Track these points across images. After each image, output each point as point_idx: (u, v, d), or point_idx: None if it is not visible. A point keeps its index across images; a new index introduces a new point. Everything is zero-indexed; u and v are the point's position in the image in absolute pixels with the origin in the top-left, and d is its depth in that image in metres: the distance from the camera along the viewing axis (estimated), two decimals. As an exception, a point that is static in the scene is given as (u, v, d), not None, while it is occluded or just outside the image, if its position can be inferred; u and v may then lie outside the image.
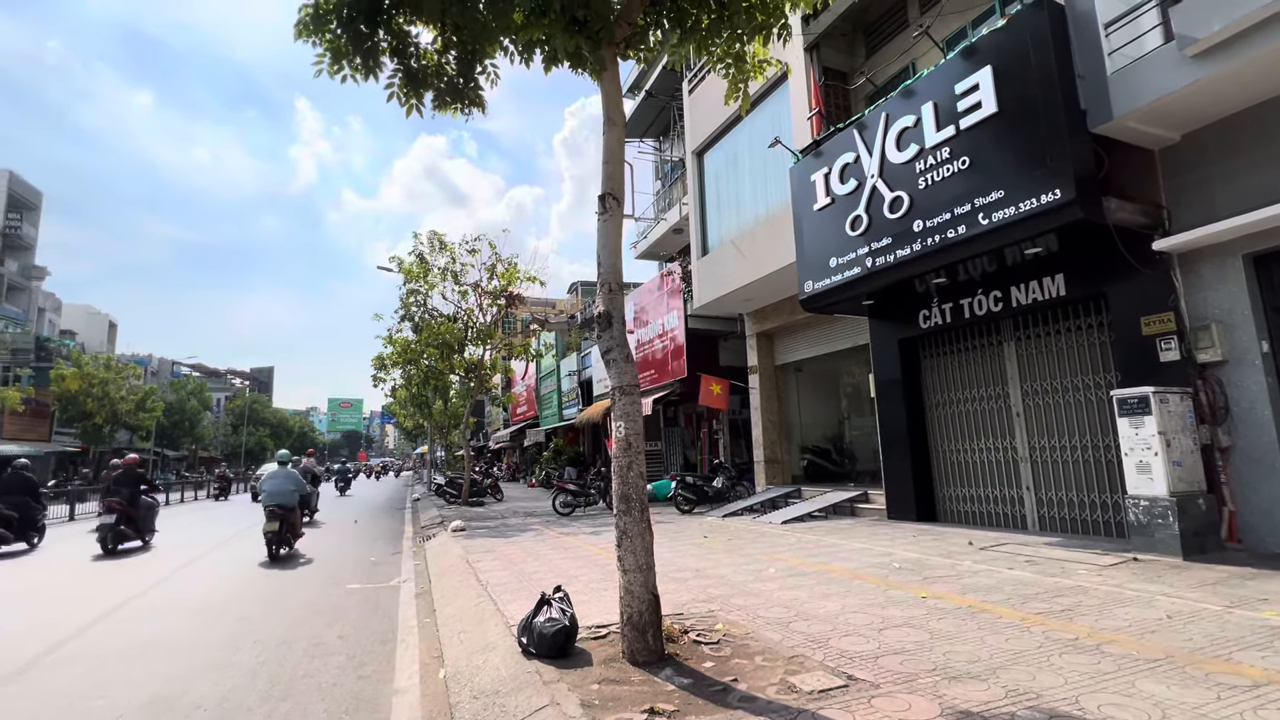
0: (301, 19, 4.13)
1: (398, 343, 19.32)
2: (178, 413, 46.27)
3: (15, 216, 38.41)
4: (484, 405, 39.13)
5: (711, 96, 13.04)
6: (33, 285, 39.46)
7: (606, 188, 4.24)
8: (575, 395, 24.03)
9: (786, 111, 11.20)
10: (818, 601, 4.89)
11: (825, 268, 8.99)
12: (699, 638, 4.01)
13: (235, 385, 76.29)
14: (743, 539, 8.54)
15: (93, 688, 3.99)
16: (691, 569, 6.47)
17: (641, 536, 3.75)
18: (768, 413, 13.42)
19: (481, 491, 18.12)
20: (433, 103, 4.65)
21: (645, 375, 16.74)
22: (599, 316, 4.06)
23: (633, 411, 3.94)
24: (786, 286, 11.35)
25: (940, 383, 9.44)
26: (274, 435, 69.42)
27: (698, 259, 13.88)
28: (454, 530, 10.69)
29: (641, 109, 18.86)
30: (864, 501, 10.57)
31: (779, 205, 11.22)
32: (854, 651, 3.66)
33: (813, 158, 9.46)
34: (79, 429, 34.94)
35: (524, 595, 5.46)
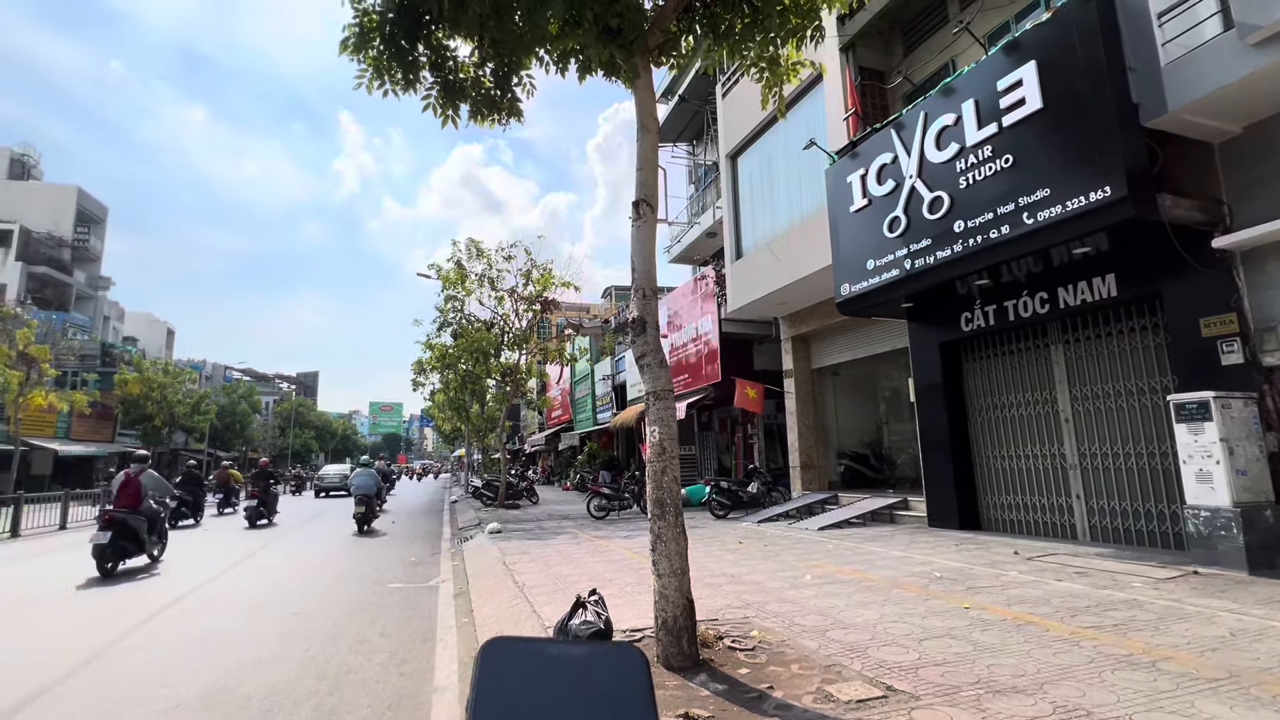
0: (346, 37, 4.29)
1: (436, 348, 19.75)
2: (229, 415, 48.20)
3: (83, 230, 40.74)
4: (520, 409, 39.64)
5: (745, 99, 12.99)
6: (99, 295, 41.73)
7: (640, 193, 4.27)
8: (609, 399, 24.15)
9: (821, 113, 11.07)
10: (855, 610, 4.80)
11: (862, 270, 8.85)
12: (734, 644, 3.99)
13: (282, 389, 79.12)
14: (778, 545, 8.44)
15: (158, 676, 4.19)
16: (726, 574, 6.43)
17: (676, 541, 3.76)
18: (804, 417, 13.24)
19: (518, 494, 18.36)
20: (469, 114, 4.76)
21: (679, 380, 16.72)
22: (633, 321, 4.09)
23: (667, 416, 3.95)
24: (822, 290, 11.20)
25: (983, 387, 9.17)
26: (318, 437, 71.73)
27: (732, 263, 13.82)
28: (491, 532, 10.86)
29: (675, 114, 18.90)
30: (903, 508, 10.33)
31: (814, 208, 11.09)
32: (893, 662, 3.59)
33: (849, 159, 9.32)
34: (140, 430, 36.75)
35: (559, 597, 5.51)
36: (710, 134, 18.35)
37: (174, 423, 37.74)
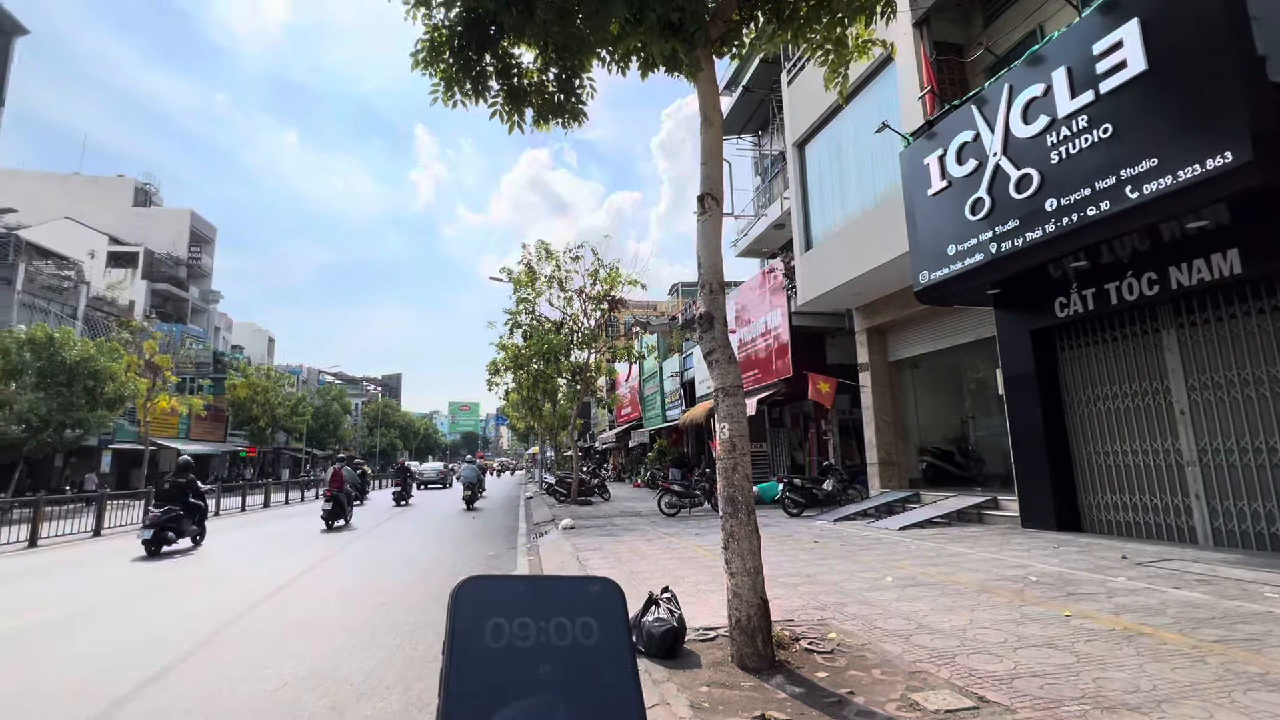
0: (418, 52, 4.48)
1: (509, 349, 20.37)
2: (323, 416, 51.65)
3: (196, 250, 44.81)
4: (590, 407, 40.28)
5: (811, 86, 12.60)
6: (210, 307, 45.78)
7: (705, 188, 4.22)
8: (678, 396, 24.12)
9: (894, 93, 10.58)
10: (942, 614, 4.56)
11: (942, 256, 8.38)
12: (811, 646, 3.88)
13: (369, 391, 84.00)
14: (856, 545, 8.15)
15: (265, 657, 4.55)
16: (801, 575, 6.27)
17: (748, 540, 3.69)
18: (881, 412, 12.72)
19: (589, 491, 18.66)
20: (533, 119, 4.86)
21: (749, 375, 16.46)
22: (700, 318, 4.05)
23: (736, 413, 3.89)
24: (898, 279, 10.71)
25: (1082, 377, 8.48)
26: (402, 436, 75.73)
27: (801, 254, 13.46)
28: (564, 528, 11.09)
29: (739, 105, 18.61)
30: (993, 508, 9.73)
31: (888, 193, 10.62)
32: (985, 671, 3.38)
33: (925, 140, 8.86)
34: (247, 431, 40.08)
35: (632, 593, 5.52)
36: (776, 123, 17.94)
37: (276, 423, 40.87)
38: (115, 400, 22.26)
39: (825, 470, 13.25)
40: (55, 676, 4.28)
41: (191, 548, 10.62)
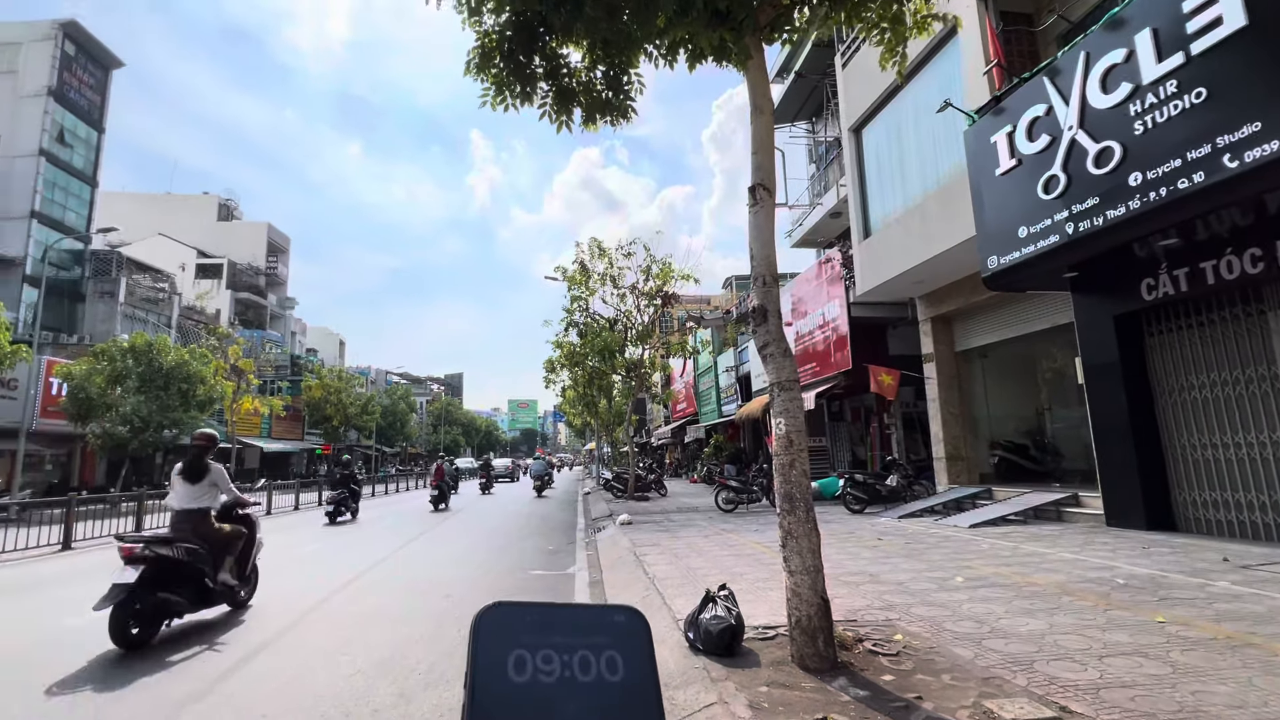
0: (470, 59, 4.58)
1: (564, 346, 20.67)
2: (391, 415, 53.93)
3: (273, 259, 47.65)
4: (645, 403, 40.42)
5: (867, 67, 12.15)
6: (286, 313, 48.60)
7: (756, 178, 4.13)
8: (734, 391, 23.86)
9: (957, 69, 10.07)
10: (1018, 618, 4.32)
11: (1013, 239, 7.92)
12: (875, 647, 3.75)
13: (433, 390, 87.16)
14: (923, 543, 7.84)
15: (342, 645, 4.79)
16: (864, 573, 6.08)
17: (808, 537, 3.60)
18: (948, 404, 12.18)
19: (646, 486, 18.73)
20: (582, 118, 4.88)
21: (806, 369, 16.10)
22: (753, 311, 3.97)
23: (793, 407, 3.80)
24: (964, 264, 10.21)
25: (1174, 364, 7.85)
26: (465, 433, 78.19)
27: (859, 242, 13.03)
28: (621, 523, 11.17)
29: (791, 92, 18.17)
30: (1073, 505, 9.15)
31: (951, 175, 10.13)
32: (1067, 679, 3.17)
33: (992, 117, 8.39)
34: (322, 430, 42.35)
35: (689, 590, 5.52)
36: (830, 109, 17.42)
37: (348, 422, 42.99)
38: (206, 402, 23.96)
39: (888, 465, 12.81)
40: (159, 657, 4.64)
41: (351, 520, 14.48)
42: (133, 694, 3.88)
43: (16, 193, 25.88)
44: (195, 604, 5.23)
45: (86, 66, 29.45)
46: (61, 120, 27.81)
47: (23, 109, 26.79)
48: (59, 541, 10.62)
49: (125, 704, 3.71)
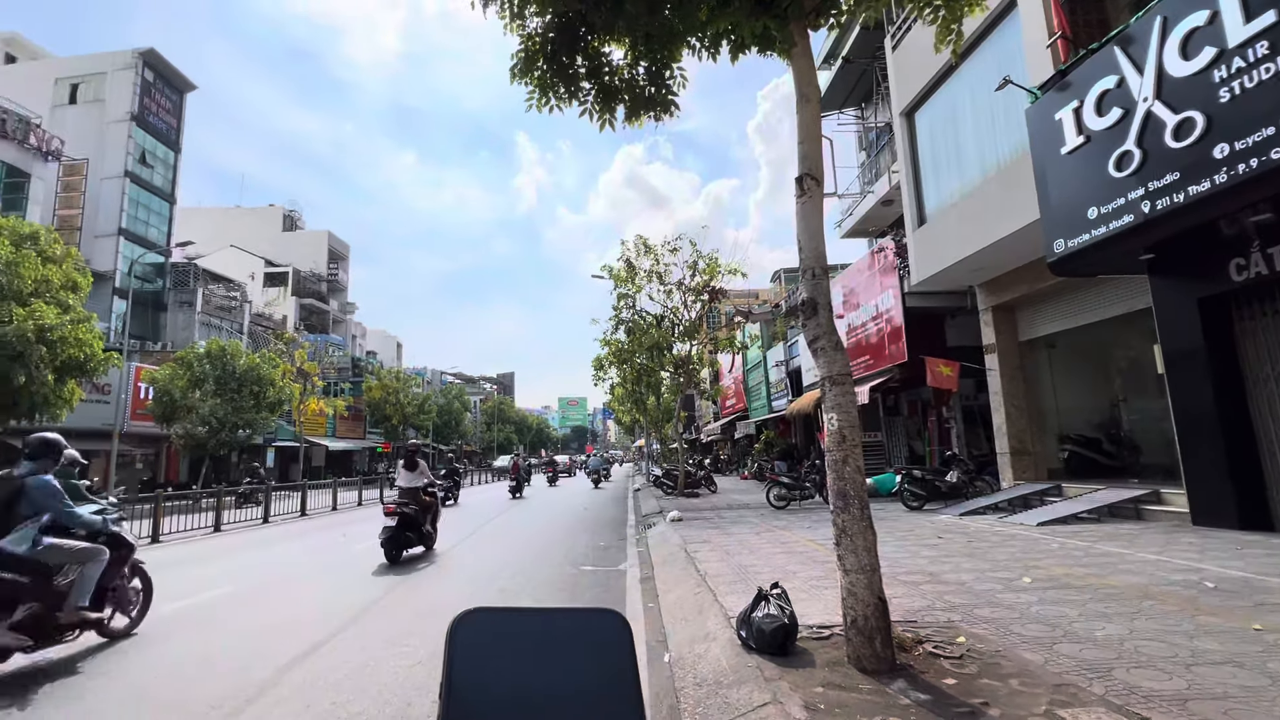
0: (514, 64, 4.65)
1: (612, 344, 20.79)
2: (447, 414, 55.54)
3: (334, 266, 49.82)
4: (694, 399, 40.25)
5: (919, 49, 11.70)
6: (347, 318, 50.74)
7: (804, 168, 4.03)
8: (784, 386, 23.47)
9: (1017, 44, 9.57)
10: (1092, 621, 4.08)
11: (1082, 221, 7.48)
12: (936, 649, 3.62)
13: (485, 389, 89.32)
14: (986, 542, 7.51)
15: (404, 635, 4.97)
16: (924, 572, 5.87)
17: (863, 535, 3.50)
18: (1012, 397, 11.63)
19: (696, 483, 18.66)
20: (625, 115, 4.88)
21: (859, 362, 15.67)
22: (803, 304, 3.89)
23: (845, 402, 3.69)
24: (1028, 249, 9.71)
25: (1269, 351, 7.24)
26: (517, 431, 79.81)
27: (913, 230, 12.57)
28: (672, 520, 11.16)
29: (839, 78, 17.69)
30: (1154, 502, 8.58)
31: (1012, 156, 9.65)
32: (1150, 689, 2.98)
33: (1056, 92, 7.93)
34: (382, 429, 44.05)
35: (741, 588, 5.47)
36: (881, 93, 16.87)
37: (406, 421, 44.57)
38: (276, 403, 25.29)
39: (949, 461, 12.35)
40: (239, 643, 4.93)
41: (454, 504, 17.06)
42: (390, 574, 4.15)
43: (106, 212, 27.92)
44: (417, 543, 8.84)
45: (164, 91, 31.47)
46: (143, 143, 29.81)
47: (109, 134, 28.86)
48: (148, 535, 11.41)
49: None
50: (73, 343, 14.65)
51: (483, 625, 0.46)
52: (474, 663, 0.45)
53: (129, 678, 4.24)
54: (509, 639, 0.48)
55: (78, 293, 15.65)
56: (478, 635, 0.46)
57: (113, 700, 3.85)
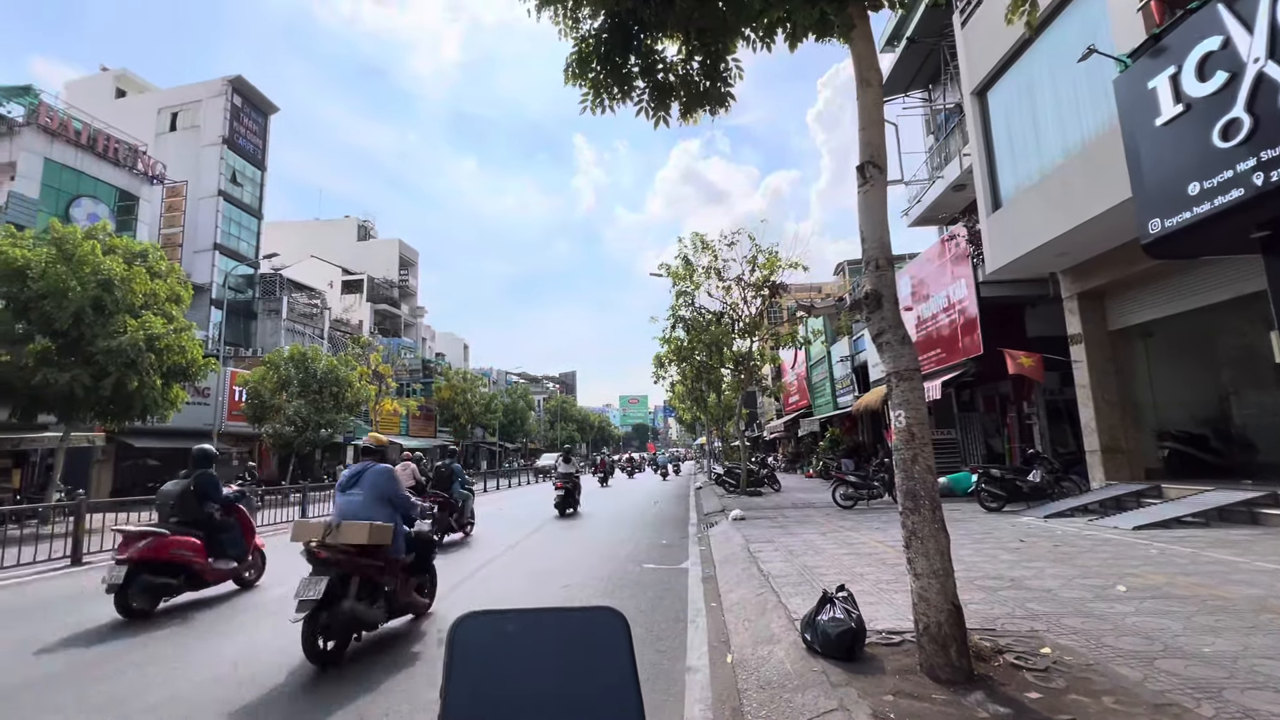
0: (568, 66, 4.70)
1: (672, 341, 20.74)
2: (512, 413, 57.08)
3: (405, 272, 52.14)
4: (756, 396, 39.66)
5: (991, 23, 11.05)
6: (417, 321, 52.97)
7: (865, 155, 3.88)
8: (849, 382, 22.75)
9: (1101, 10, 8.87)
10: (1200, 636, 3.74)
11: (1181, 198, 6.85)
12: (1019, 660, 3.40)
13: (548, 388, 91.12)
14: (1074, 546, 7.02)
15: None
16: (1004, 578, 5.55)
17: (934, 538, 3.33)
18: (1102, 390, 10.81)
19: (759, 481, 18.37)
20: (680, 112, 4.84)
21: (929, 356, 14.98)
22: (867, 297, 3.74)
23: (914, 398, 3.53)
24: (1118, 230, 9.00)
25: None
26: (580, 429, 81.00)
27: (987, 216, 11.89)
28: (734, 519, 11.03)
29: (903, 59, 16.94)
30: (1272, 505, 7.78)
31: (1098, 132, 8.96)
32: (1269, 712, 2.69)
33: (1149, 59, 7.29)
34: (451, 428, 45.75)
35: (806, 589, 5.33)
36: (949, 73, 16.04)
37: (474, 420, 46.11)
38: (353, 404, 26.72)
39: (1030, 459, 11.61)
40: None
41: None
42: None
43: (202, 229, 30.29)
44: (575, 505, 13.96)
45: (250, 115, 33.80)
46: (233, 164, 32.14)
47: (204, 157, 31.29)
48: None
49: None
50: (177, 350, 15.96)
51: (483, 628, 0.45)
52: (474, 665, 0.45)
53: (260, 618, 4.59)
54: (509, 640, 0.47)
55: (180, 304, 17.03)
56: (477, 637, 0.46)
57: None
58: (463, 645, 0.46)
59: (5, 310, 12.76)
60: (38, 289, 13.97)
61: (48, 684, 4.07)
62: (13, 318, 14.07)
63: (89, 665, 4.44)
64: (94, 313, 14.46)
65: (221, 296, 29.73)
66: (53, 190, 22.74)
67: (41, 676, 4.21)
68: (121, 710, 3.60)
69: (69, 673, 4.29)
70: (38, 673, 4.28)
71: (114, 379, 14.59)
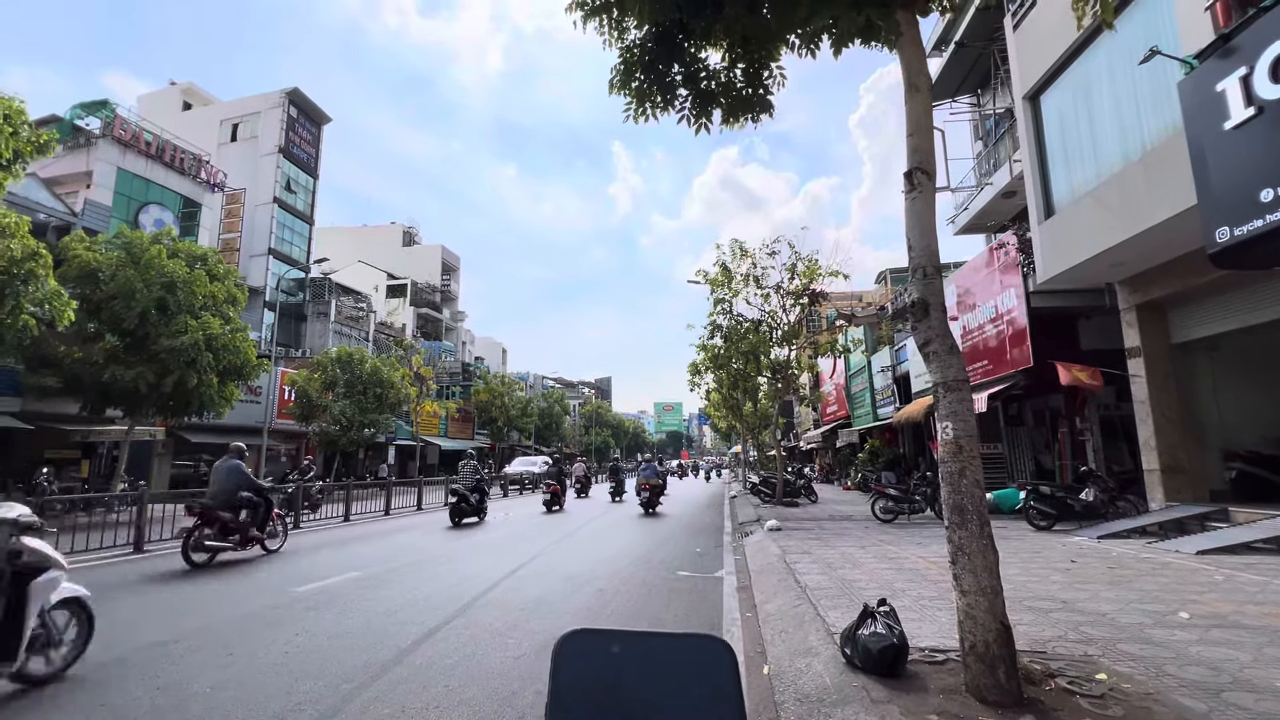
0: (613, 77, 4.76)
1: (708, 349, 20.65)
2: (547, 417, 57.67)
3: (446, 278, 53.37)
4: (793, 406, 39.11)
5: (1046, 25, 10.72)
6: (458, 326, 54.09)
7: (913, 161, 3.82)
8: (890, 393, 22.22)
9: (1166, 10, 8.52)
10: (1271, 669, 3.52)
11: (1252, 205, 6.50)
12: (1072, 685, 3.26)
13: (584, 394, 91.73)
14: (1131, 569, 6.70)
15: (507, 628, 5.20)
16: (1055, 599, 5.33)
17: (982, 554, 3.23)
18: (1162, 406, 10.30)
19: (795, 492, 18.09)
20: (721, 119, 4.85)
21: (976, 367, 14.53)
22: (913, 305, 3.67)
23: (962, 410, 3.44)
24: (1181, 239, 8.59)
25: None
26: (614, 435, 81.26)
27: (1039, 223, 11.50)
28: (770, 529, 10.89)
29: (951, 63, 16.58)
30: (1353, 534, 7.27)
31: (1160, 136, 8.59)
32: (1351, 754, 2.51)
33: (1217, 60, 6.96)
34: (488, 430, 46.49)
35: (845, 603, 5.23)
36: (1000, 77, 15.63)
37: (510, 423, 46.77)
38: (395, 404, 27.43)
39: (1084, 476, 11.13)
40: (364, 625, 5.37)
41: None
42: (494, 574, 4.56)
43: (258, 235, 31.66)
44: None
45: (305, 125, 35.24)
46: (288, 172, 33.53)
47: (260, 166, 32.73)
48: (291, 523, 12.73)
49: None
50: (232, 350, 16.71)
51: (586, 646, 0.46)
52: (577, 680, 0.45)
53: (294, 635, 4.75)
54: (612, 659, 0.47)
55: (236, 306, 17.83)
56: (582, 656, 0.46)
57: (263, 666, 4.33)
58: (569, 659, 0.46)
59: (79, 310, 13.62)
60: (108, 290, 14.83)
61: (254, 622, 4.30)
62: (85, 317, 14.95)
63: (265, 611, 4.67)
64: (158, 313, 15.26)
65: (274, 299, 30.95)
66: (124, 198, 24.11)
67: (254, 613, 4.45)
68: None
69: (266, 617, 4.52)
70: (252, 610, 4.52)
71: (175, 376, 15.35)
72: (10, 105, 10.33)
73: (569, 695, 0.46)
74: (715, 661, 0.46)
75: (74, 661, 4.16)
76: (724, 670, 0.44)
